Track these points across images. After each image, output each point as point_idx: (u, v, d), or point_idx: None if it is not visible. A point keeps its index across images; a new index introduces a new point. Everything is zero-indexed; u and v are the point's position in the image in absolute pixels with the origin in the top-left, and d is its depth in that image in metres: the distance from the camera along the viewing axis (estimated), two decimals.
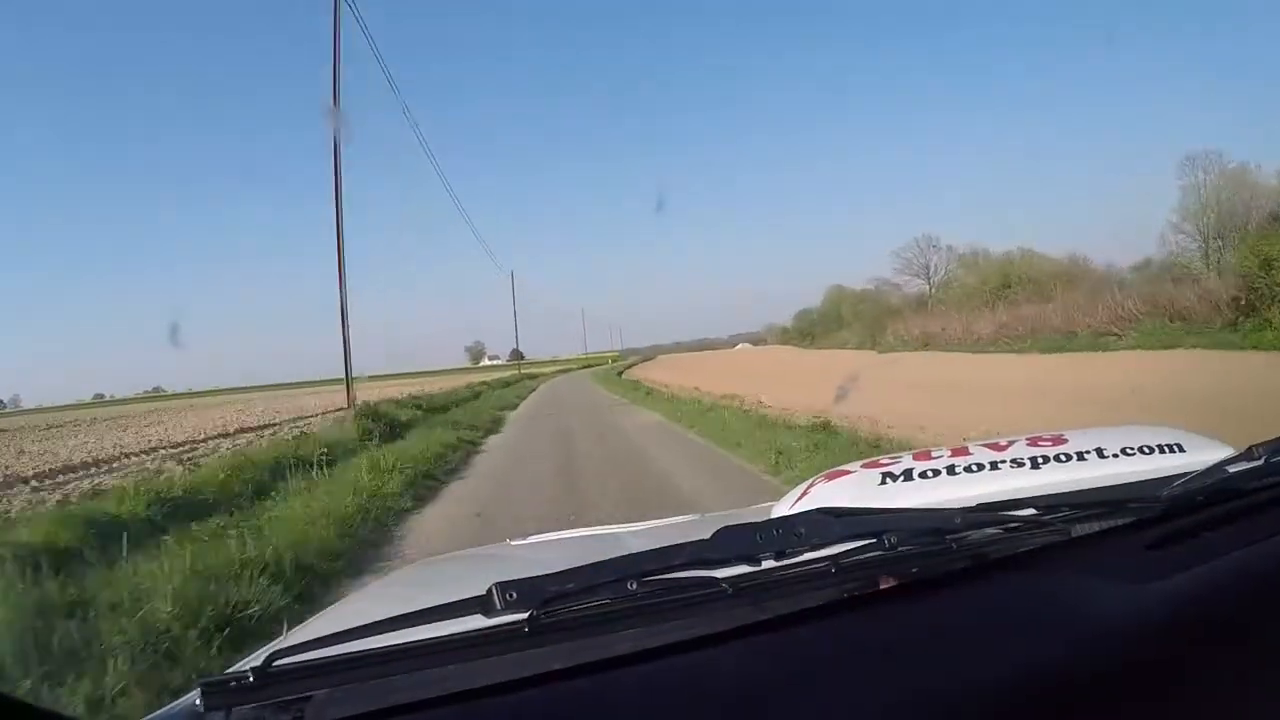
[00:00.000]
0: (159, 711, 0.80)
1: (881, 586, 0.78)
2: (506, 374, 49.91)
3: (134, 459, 13.48)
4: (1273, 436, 0.96)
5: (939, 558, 0.80)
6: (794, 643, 0.71)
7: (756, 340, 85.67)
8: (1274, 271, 14.43)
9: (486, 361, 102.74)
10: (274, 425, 18.85)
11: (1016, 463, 1.04)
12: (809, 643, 0.71)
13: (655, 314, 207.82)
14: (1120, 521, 0.86)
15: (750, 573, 0.76)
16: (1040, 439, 1.09)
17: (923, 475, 1.04)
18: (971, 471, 1.04)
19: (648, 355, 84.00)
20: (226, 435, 17.32)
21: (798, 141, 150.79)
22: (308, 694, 0.68)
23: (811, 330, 55.76)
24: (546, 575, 0.72)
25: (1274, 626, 0.67)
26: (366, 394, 15.65)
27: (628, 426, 13.60)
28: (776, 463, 7.53)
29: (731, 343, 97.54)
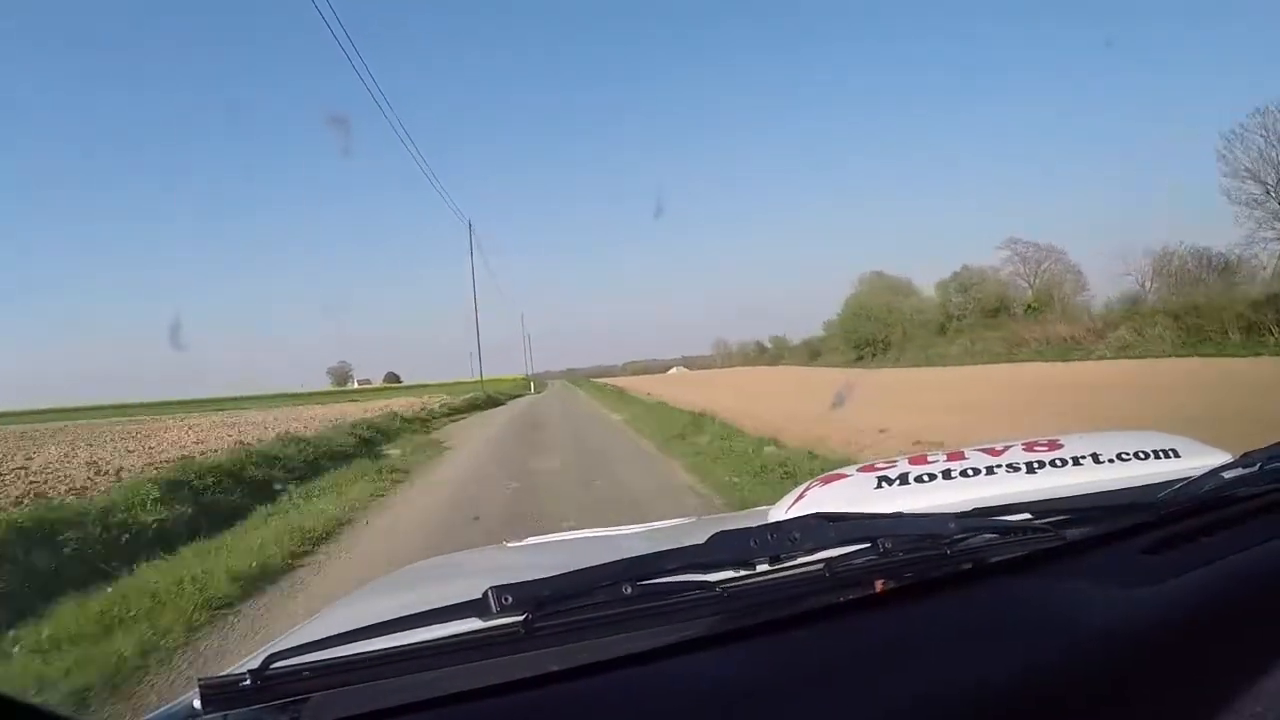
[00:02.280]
0: (156, 711, 0.81)
1: (876, 591, 0.78)
2: None
3: None
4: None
5: (933, 563, 0.80)
6: (788, 647, 0.71)
7: (705, 363, 77.75)
8: None
9: (355, 385, 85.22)
10: None
11: (1012, 467, 1.04)
12: (803, 647, 0.72)
13: (560, 338, 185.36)
14: (1116, 526, 0.86)
15: (744, 577, 0.76)
16: (1036, 444, 1.10)
17: (918, 479, 1.04)
18: (967, 476, 1.04)
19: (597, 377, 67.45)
20: None
21: (734, 153, 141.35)
22: (304, 696, 0.68)
23: (869, 341, 38.19)
24: (542, 579, 0.72)
25: (1269, 631, 0.67)
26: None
27: None
28: None
29: (654, 366, 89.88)
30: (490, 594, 0.69)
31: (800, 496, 1.09)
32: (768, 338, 66.85)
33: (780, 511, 1.07)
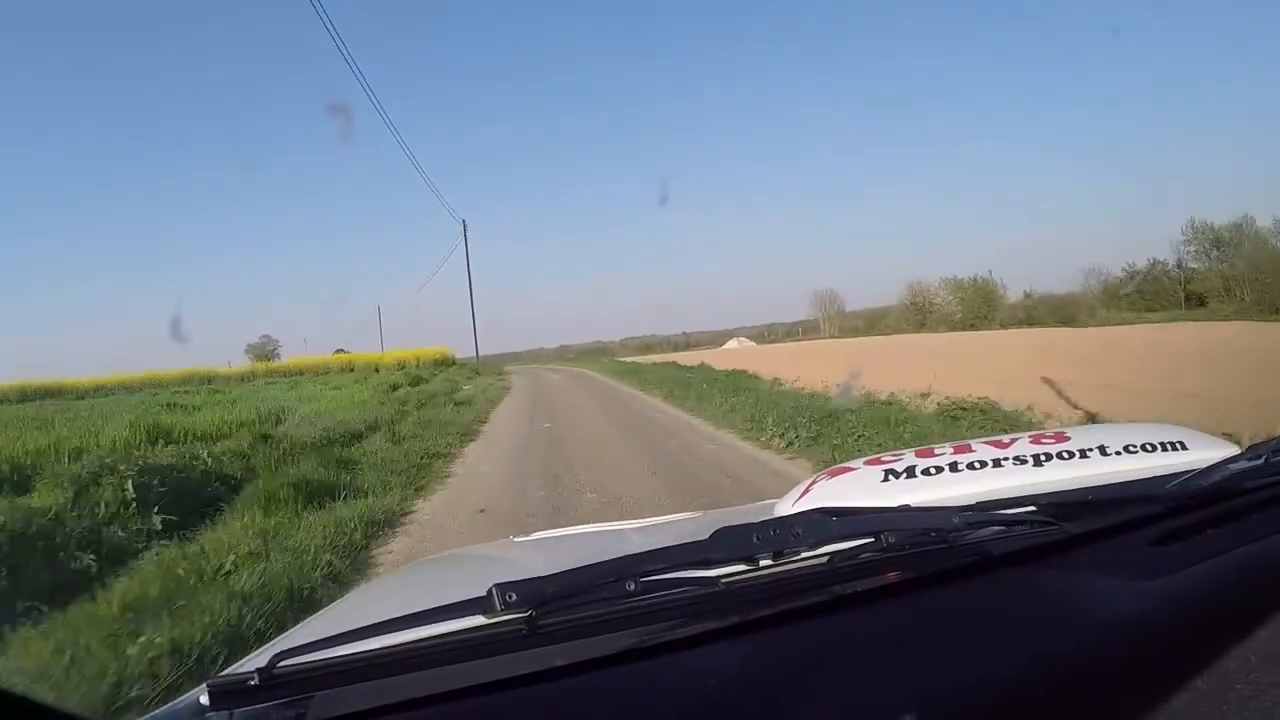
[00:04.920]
0: (162, 709, 0.81)
1: (879, 585, 0.78)
2: None
3: None
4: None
5: (937, 556, 0.79)
6: (791, 642, 0.72)
7: (772, 335, 68.48)
8: None
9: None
10: None
11: (1019, 460, 1.04)
12: (806, 642, 0.72)
13: (546, 310, 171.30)
14: (1122, 519, 0.86)
15: (747, 572, 0.76)
16: (1043, 436, 1.09)
17: (925, 472, 1.04)
18: (974, 469, 1.03)
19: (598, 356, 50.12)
20: None
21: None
22: (310, 694, 0.69)
23: None
24: (545, 576, 0.73)
25: (1276, 622, 0.67)
26: None
27: None
28: None
29: (656, 343, 76.00)
30: (494, 591, 0.70)
31: (807, 490, 1.09)
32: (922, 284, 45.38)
33: (786, 505, 1.07)
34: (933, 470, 1.04)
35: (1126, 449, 1.04)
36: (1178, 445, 1.05)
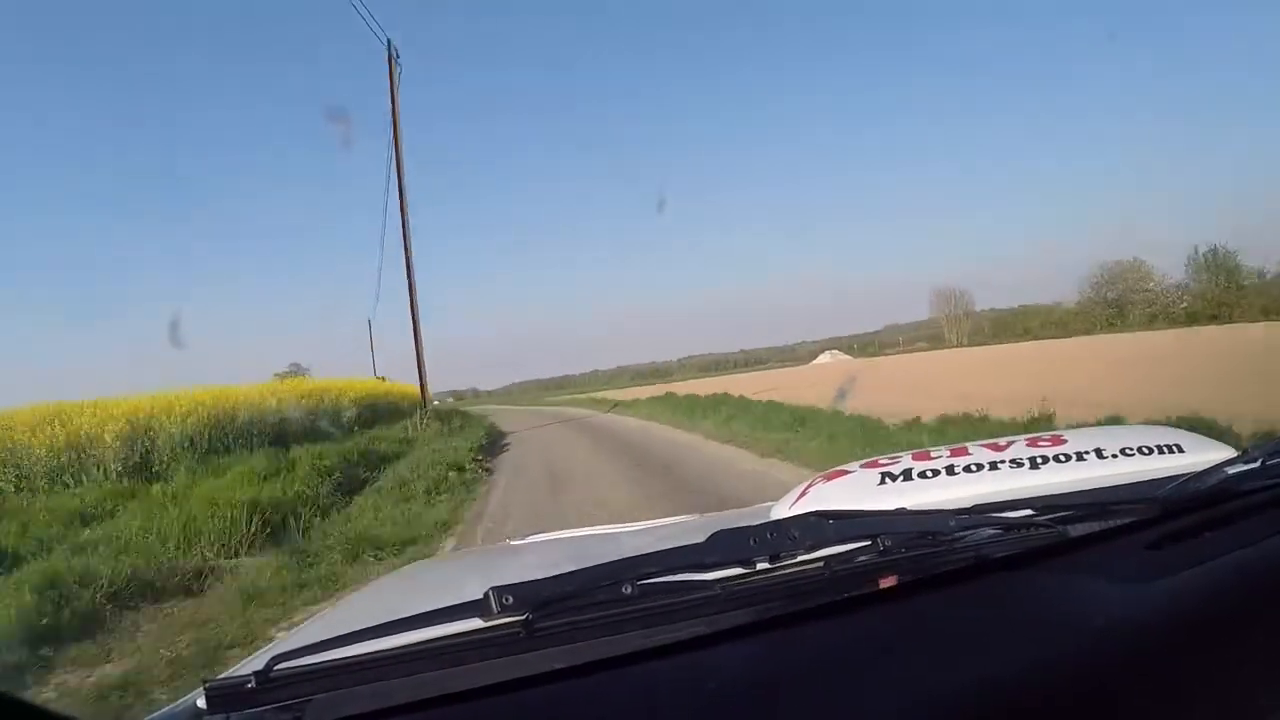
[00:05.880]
0: (160, 712, 0.81)
1: (875, 589, 0.78)
2: None
3: None
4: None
5: (933, 560, 0.79)
6: (787, 645, 0.72)
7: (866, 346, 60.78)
8: None
9: None
10: None
11: (1015, 463, 1.04)
12: (802, 645, 0.72)
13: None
14: (1119, 522, 0.86)
15: (744, 575, 0.76)
16: (1040, 439, 1.10)
17: (922, 475, 1.04)
18: (970, 472, 1.04)
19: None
20: None
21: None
22: (307, 697, 0.69)
23: None
24: (542, 579, 0.73)
25: (1272, 626, 0.67)
26: None
27: None
28: None
29: (708, 360, 73.17)
30: (491, 594, 0.70)
31: (803, 493, 1.09)
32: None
33: (783, 509, 1.07)
34: (929, 473, 1.04)
35: (1123, 452, 1.04)
36: (1174, 448, 1.05)
